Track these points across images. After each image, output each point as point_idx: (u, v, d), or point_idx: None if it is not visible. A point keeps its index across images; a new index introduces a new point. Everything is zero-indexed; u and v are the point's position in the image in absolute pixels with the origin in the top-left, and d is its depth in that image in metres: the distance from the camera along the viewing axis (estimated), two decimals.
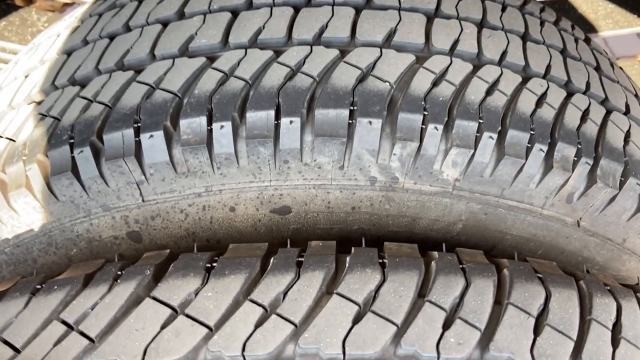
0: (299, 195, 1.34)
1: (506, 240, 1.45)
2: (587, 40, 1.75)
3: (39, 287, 1.14)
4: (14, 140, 1.34)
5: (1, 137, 1.38)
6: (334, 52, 1.33)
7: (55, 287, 1.11)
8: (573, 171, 1.30)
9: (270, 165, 1.28)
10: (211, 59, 1.35)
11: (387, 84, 1.29)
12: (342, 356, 0.98)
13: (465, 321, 1.03)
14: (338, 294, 1.05)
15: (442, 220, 1.40)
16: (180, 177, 1.28)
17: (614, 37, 2.54)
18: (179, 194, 1.31)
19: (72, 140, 1.26)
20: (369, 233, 1.44)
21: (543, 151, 1.28)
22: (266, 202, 1.35)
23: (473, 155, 1.27)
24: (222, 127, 1.23)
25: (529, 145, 1.28)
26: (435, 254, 1.18)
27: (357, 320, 1.02)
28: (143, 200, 1.31)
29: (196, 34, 1.40)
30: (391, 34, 1.40)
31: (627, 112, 1.51)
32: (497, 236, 1.44)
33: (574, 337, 1.05)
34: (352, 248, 1.18)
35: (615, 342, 1.06)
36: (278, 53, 1.34)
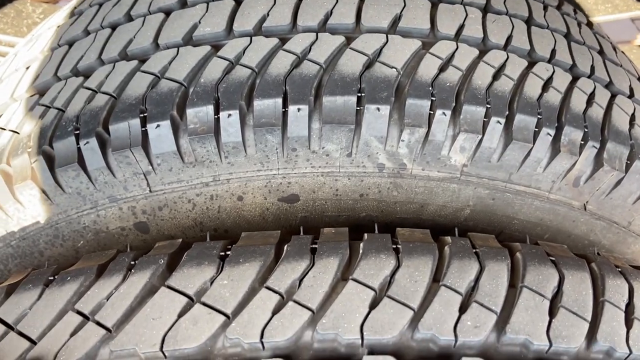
0: (307, 183, 1.33)
1: (513, 225, 1.46)
2: (590, 24, 1.76)
3: (52, 278, 1.13)
4: (18, 133, 1.33)
5: (4, 129, 1.36)
6: (340, 39, 1.33)
7: (69, 278, 1.10)
8: (580, 155, 1.31)
9: (278, 154, 1.27)
10: (216, 47, 1.34)
11: (394, 70, 1.28)
12: (360, 341, 0.98)
13: (481, 304, 1.03)
14: (354, 279, 1.05)
15: (449, 206, 1.40)
16: (188, 166, 1.27)
17: (607, 22, 2.54)
18: (187, 183, 1.30)
19: (78, 131, 1.25)
20: (377, 220, 1.43)
21: (550, 135, 1.29)
22: (274, 190, 1.34)
23: (481, 140, 1.27)
24: (229, 115, 1.22)
25: (537, 129, 1.28)
26: (448, 238, 1.18)
27: (373, 305, 1.02)
28: (150, 191, 1.30)
29: (200, 22, 1.39)
30: (396, 19, 1.40)
31: (631, 95, 1.52)
32: (505, 221, 1.44)
33: (589, 318, 1.05)
34: (365, 234, 1.17)
35: (628, 323, 1.07)
36: (283, 40, 1.33)
